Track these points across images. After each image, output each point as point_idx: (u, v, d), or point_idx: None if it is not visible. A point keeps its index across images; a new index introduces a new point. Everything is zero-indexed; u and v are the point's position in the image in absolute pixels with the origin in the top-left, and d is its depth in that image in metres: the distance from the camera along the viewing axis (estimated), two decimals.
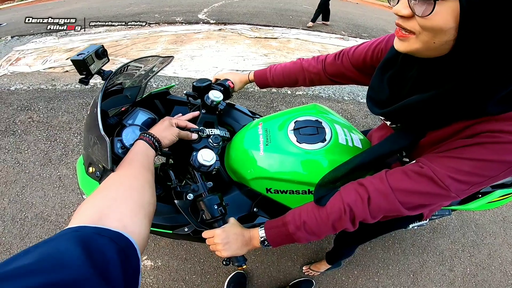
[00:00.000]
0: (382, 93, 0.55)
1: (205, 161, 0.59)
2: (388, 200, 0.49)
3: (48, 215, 1.63)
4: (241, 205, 0.71)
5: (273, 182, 0.66)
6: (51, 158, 1.87)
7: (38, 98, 2.32)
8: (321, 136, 0.65)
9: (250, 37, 3.53)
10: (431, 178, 0.45)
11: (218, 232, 0.59)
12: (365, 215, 0.51)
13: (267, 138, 0.67)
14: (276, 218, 0.61)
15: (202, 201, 0.59)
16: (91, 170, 0.68)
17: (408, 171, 0.48)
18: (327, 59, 0.79)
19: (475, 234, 1.82)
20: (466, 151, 0.42)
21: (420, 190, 0.46)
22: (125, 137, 0.69)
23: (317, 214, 0.55)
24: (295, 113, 0.72)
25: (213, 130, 0.72)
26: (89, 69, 0.64)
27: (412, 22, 0.39)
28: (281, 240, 0.59)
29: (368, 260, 1.63)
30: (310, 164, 0.63)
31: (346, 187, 0.54)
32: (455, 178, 0.43)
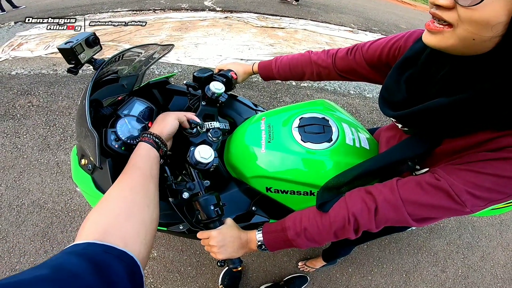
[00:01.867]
0: (398, 94, 0.50)
1: (202, 158, 0.55)
2: (397, 212, 0.45)
3: (45, 202, 1.61)
4: (239, 203, 0.68)
5: (274, 181, 0.62)
6: (50, 143, 1.84)
7: (39, 82, 2.26)
8: (327, 136, 0.60)
9: (257, 26, 3.42)
10: (447, 192, 0.41)
11: (214, 234, 0.56)
12: (371, 226, 0.48)
13: (269, 135, 0.63)
14: (275, 222, 0.58)
15: (198, 201, 0.55)
16: (83, 162, 0.64)
17: (423, 183, 0.43)
18: (338, 53, 0.74)
19: (471, 236, 1.80)
20: (489, 166, 0.38)
21: (433, 203, 0.42)
22: (120, 129, 0.65)
23: (319, 221, 0.52)
24: (300, 109, 0.67)
25: (212, 123, 0.67)
26: (78, 58, 0.58)
27: (451, 13, 0.33)
28: (280, 245, 0.56)
29: (363, 258, 1.62)
30: (314, 164, 0.58)
31: (352, 194, 0.50)
32: (473, 194, 0.39)
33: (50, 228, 1.52)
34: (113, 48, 2.74)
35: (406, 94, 0.48)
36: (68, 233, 1.51)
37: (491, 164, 0.38)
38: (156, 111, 0.75)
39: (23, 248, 1.46)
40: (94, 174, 0.61)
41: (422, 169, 0.51)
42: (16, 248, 1.46)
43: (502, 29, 0.30)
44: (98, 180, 0.60)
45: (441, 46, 0.36)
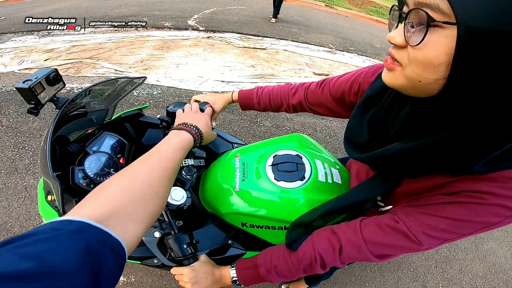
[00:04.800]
0: (360, 135, 0.51)
1: (174, 200, 0.54)
2: (359, 251, 0.48)
3: (12, 226, 1.50)
4: (214, 237, 0.68)
5: (248, 217, 0.62)
6: (18, 166, 1.72)
7: (10, 100, 2.14)
8: (300, 173, 0.61)
9: (239, 46, 3.49)
10: (405, 233, 0.43)
11: (187, 271, 0.57)
12: (335, 263, 0.51)
13: (244, 173, 0.63)
14: (248, 258, 0.59)
15: (170, 240, 0.55)
16: (50, 198, 0.61)
17: (383, 225, 0.45)
18: (310, 87, 0.75)
19: (447, 250, 1.86)
20: (444, 209, 0.40)
21: (393, 244, 0.45)
22: (88, 166, 0.62)
23: (288, 259, 0.54)
24: (275, 145, 0.68)
25: (187, 161, 0.66)
26: (37, 98, 0.55)
27: (403, 52, 0.33)
28: (252, 280, 0.58)
29: (345, 278, 1.62)
30: (287, 202, 0.59)
31: (319, 234, 0.52)
32: (429, 234, 0.41)
33: None
34: (90, 66, 2.67)
35: (368, 136, 0.49)
36: None
37: (446, 207, 0.39)
38: (129, 146, 0.73)
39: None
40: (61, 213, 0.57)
41: (386, 206, 0.53)
42: None
43: (445, 70, 0.29)
44: None
45: (392, 84, 0.36)
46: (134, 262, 0.66)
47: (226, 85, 2.65)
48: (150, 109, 2.27)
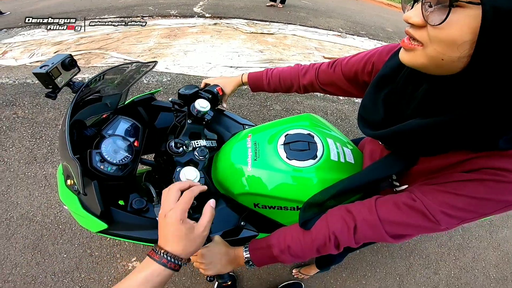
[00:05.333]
0: (376, 113, 0.50)
1: (187, 180, 0.55)
2: (374, 231, 0.47)
3: (34, 215, 1.58)
4: (227, 219, 0.68)
5: (261, 198, 0.63)
6: (36, 156, 1.80)
7: (24, 93, 2.21)
8: (312, 152, 0.61)
9: (246, 32, 3.43)
10: (422, 212, 0.42)
11: (202, 251, 0.59)
12: (350, 243, 0.51)
13: (255, 153, 0.63)
14: (261, 239, 0.60)
15: None
16: (69, 182, 0.63)
17: (400, 203, 0.45)
18: (321, 67, 0.76)
19: (461, 238, 1.84)
20: (464, 187, 0.39)
21: (409, 223, 0.44)
22: (105, 149, 0.64)
23: (302, 239, 0.54)
24: (286, 125, 0.68)
25: (199, 141, 0.67)
26: (55, 82, 0.58)
27: (422, 32, 0.33)
28: (266, 261, 0.59)
29: (356, 263, 1.64)
30: (299, 182, 0.59)
31: (333, 213, 0.52)
32: (447, 213, 0.40)
33: (41, 240, 1.50)
34: (100, 56, 2.71)
35: (384, 114, 0.49)
36: (59, 245, 1.49)
37: (466, 185, 0.38)
38: (142, 129, 0.75)
39: (14, 260, 1.44)
40: (81, 194, 0.60)
41: (401, 185, 0.52)
42: (7, 260, 1.44)
43: (468, 48, 0.29)
44: (85, 201, 0.60)
45: (413, 64, 0.36)
46: (149, 245, 0.67)
47: (235, 71, 2.64)
48: (161, 96, 2.30)
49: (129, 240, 0.65)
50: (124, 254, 1.50)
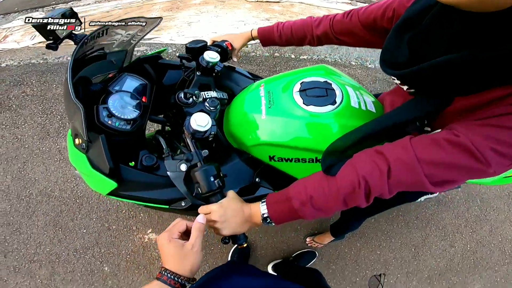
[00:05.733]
0: (400, 55, 0.47)
1: (199, 126, 0.52)
2: (412, 173, 0.41)
3: (52, 190, 1.64)
4: (241, 175, 0.66)
5: (276, 149, 0.60)
6: (49, 131, 1.84)
7: (30, 72, 2.23)
8: (330, 98, 0.58)
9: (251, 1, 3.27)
10: (468, 149, 0.37)
11: (215, 208, 0.53)
12: (383, 190, 0.44)
13: (269, 101, 0.60)
14: (279, 191, 0.54)
15: (197, 172, 0.53)
16: (77, 142, 0.63)
17: (440, 140, 0.40)
18: (336, 17, 0.73)
19: (479, 209, 1.79)
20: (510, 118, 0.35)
21: (453, 163, 0.39)
22: (112, 104, 0.63)
23: (326, 187, 0.48)
24: (301, 74, 0.64)
25: (209, 92, 0.65)
26: (55, 33, 0.56)
27: None
28: (285, 216, 0.53)
29: (371, 232, 1.63)
30: (318, 128, 0.56)
31: (361, 156, 0.47)
32: (497, 151, 0.36)
33: (60, 216, 1.57)
34: None
35: (409, 55, 0.45)
36: (78, 220, 1.56)
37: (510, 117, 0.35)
38: (150, 86, 0.73)
39: (37, 238, 1.52)
40: (89, 152, 0.59)
41: (432, 130, 0.49)
42: (31, 239, 1.52)
43: None
44: (93, 158, 0.59)
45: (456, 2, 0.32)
46: (162, 207, 0.67)
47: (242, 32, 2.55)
48: None
49: (140, 202, 0.64)
50: (140, 226, 1.56)
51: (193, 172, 0.54)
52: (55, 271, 1.46)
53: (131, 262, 1.50)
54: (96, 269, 1.47)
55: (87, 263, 1.48)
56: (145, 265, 1.50)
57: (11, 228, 1.54)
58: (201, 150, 0.56)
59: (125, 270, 1.49)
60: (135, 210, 1.59)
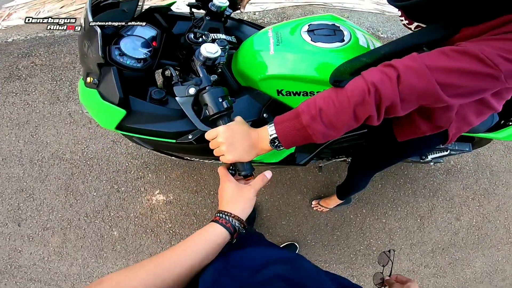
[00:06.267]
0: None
1: (209, 53, 0.55)
2: (423, 78, 0.42)
3: (63, 153, 1.73)
4: (249, 109, 0.68)
5: (284, 82, 0.62)
6: (59, 96, 1.91)
7: (38, 45, 2.28)
8: (339, 37, 0.60)
9: None
10: (477, 56, 0.39)
11: (222, 129, 0.52)
12: (394, 97, 0.44)
13: (278, 39, 0.63)
14: (288, 112, 0.52)
15: (206, 94, 0.55)
16: (89, 80, 0.67)
17: (447, 50, 0.41)
18: None
19: (488, 182, 1.79)
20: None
21: (463, 68, 0.40)
22: (124, 46, 0.67)
23: (335, 99, 0.47)
24: (309, 19, 0.66)
25: (218, 34, 0.68)
26: None
27: None
28: (294, 136, 0.51)
29: (377, 199, 1.66)
30: (327, 61, 0.58)
31: (371, 69, 0.47)
32: (505, 57, 0.38)
33: (72, 179, 1.65)
34: None
35: None
36: (89, 182, 1.64)
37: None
38: (160, 32, 0.76)
39: (50, 204, 1.60)
40: (100, 87, 0.64)
41: None
42: (44, 205, 1.60)
43: None
44: (104, 91, 0.63)
45: None
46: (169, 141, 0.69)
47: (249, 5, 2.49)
48: None
49: (149, 136, 0.68)
50: (148, 188, 1.63)
51: (201, 95, 0.55)
52: (67, 237, 1.54)
53: (139, 225, 1.57)
54: (105, 233, 1.55)
55: (97, 228, 1.56)
56: (153, 228, 1.58)
57: (24, 194, 1.63)
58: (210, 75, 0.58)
59: (133, 234, 1.57)
60: (143, 170, 1.66)
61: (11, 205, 1.61)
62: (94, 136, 1.76)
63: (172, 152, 0.86)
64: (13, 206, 1.61)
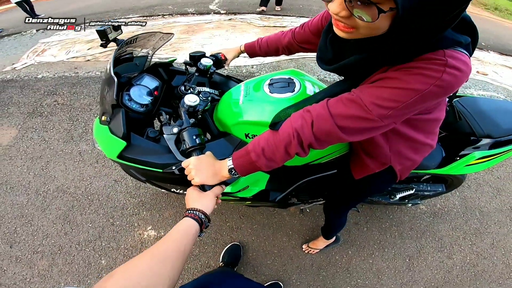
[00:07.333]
0: (327, 53, 0.69)
1: (189, 101, 0.77)
2: (327, 123, 0.60)
3: (68, 187, 1.89)
4: (223, 149, 0.87)
5: (250, 126, 0.82)
6: (73, 135, 2.17)
7: (63, 84, 2.65)
8: (291, 88, 0.81)
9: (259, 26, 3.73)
10: (358, 103, 0.57)
11: (193, 159, 0.71)
12: (311, 138, 0.61)
13: (246, 92, 0.85)
14: (241, 149, 0.70)
15: (184, 132, 0.75)
16: (104, 118, 0.89)
17: (343, 99, 0.60)
18: (296, 29, 0.99)
19: (478, 222, 1.83)
20: (385, 82, 0.56)
21: (350, 113, 0.58)
22: (133, 93, 0.91)
23: (271, 140, 0.65)
24: (272, 74, 0.90)
25: (203, 88, 0.91)
26: (107, 36, 0.90)
27: (352, 20, 0.49)
28: (247, 168, 0.68)
29: (363, 241, 1.71)
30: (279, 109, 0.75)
31: (295, 114, 0.66)
32: (376, 104, 0.56)
33: (71, 211, 1.78)
34: None
35: (332, 53, 0.67)
36: (87, 215, 1.76)
37: (386, 81, 0.56)
38: (161, 83, 1.00)
39: (46, 230, 1.70)
40: (111, 124, 0.85)
41: None
42: (39, 231, 1.69)
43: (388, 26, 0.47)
44: (113, 128, 0.84)
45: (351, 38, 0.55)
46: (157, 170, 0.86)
47: (248, 60, 2.90)
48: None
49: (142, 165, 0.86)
50: (141, 223, 1.74)
51: (182, 133, 0.76)
52: (55, 262, 1.58)
53: (128, 256, 1.63)
54: (94, 261, 1.59)
55: (86, 256, 1.61)
56: None
57: (23, 220, 1.74)
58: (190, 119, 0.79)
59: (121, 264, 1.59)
60: (139, 208, 1.79)
61: (8, 229, 1.70)
62: (98, 174, 1.95)
63: (161, 183, 1.04)
64: (10, 229, 1.70)
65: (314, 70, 2.90)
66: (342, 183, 1.09)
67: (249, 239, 1.68)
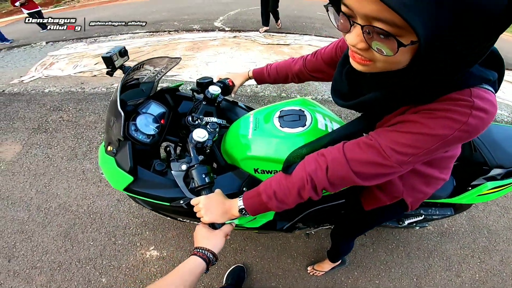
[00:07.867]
0: (343, 86, 0.64)
1: (198, 137, 0.73)
2: (343, 168, 0.56)
3: (70, 205, 1.84)
4: (231, 183, 0.83)
5: (259, 162, 0.78)
6: (77, 154, 2.13)
7: (69, 99, 2.63)
8: (302, 122, 0.77)
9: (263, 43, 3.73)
10: (376, 148, 0.53)
11: (203, 198, 0.70)
12: (325, 183, 0.58)
13: (256, 124, 0.81)
14: (253, 189, 0.68)
15: (193, 170, 0.72)
16: (109, 148, 0.85)
17: (361, 143, 0.56)
18: (307, 57, 0.94)
19: (487, 240, 1.78)
20: (404, 126, 0.51)
21: (368, 159, 0.54)
22: (139, 122, 0.86)
23: (284, 184, 0.62)
24: (282, 104, 0.85)
25: (211, 118, 0.87)
26: (114, 64, 0.85)
27: (369, 53, 0.43)
28: (257, 208, 0.67)
29: (369, 262, 1.66)
30: (290, 145, 0.73)
31: (309, 157, 0.62)
32: (395, 149, 0.51)
33: (73, 228, 1.73)
34: None
35: (348, 86, 0.62)
36: (88, 233, 1.70)
37: (405, 124, 0.51)
38: (168, 111, 0.96)
39: (46, 247, 1.65)
40: (117, 156, 0.80)
41: None
42: (39, 247, 1.64)
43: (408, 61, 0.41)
44: (119, 160, 0.80)
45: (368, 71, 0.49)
46: (165, 204, 0.82)
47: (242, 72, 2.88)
48: None
49: (149, 199, 0.82)
50: (144, 243, 1.68)
51: (190, 171, 0.73)
52: (53, 278, 1.53)
53: (129, 275, 1.57)
54: (94, 279, 1.54)
55: (87, 273, 1.55)
56: (142, 280, 1.56)
57: (23, 235, 1.69)
58: (199, 156, 0.76)
59: (122, 283, 1.55)
60: (142, 228, 1.74)
61: (7, 243, 1.66)
62: (101, 193, 1.90)
63: (167, 213, 0.99)
64: (9, 244, 1.65)
65: (318, 90, 2.89)
66: (351, 212, 1.04)
67: (253, 261, 1.62)
